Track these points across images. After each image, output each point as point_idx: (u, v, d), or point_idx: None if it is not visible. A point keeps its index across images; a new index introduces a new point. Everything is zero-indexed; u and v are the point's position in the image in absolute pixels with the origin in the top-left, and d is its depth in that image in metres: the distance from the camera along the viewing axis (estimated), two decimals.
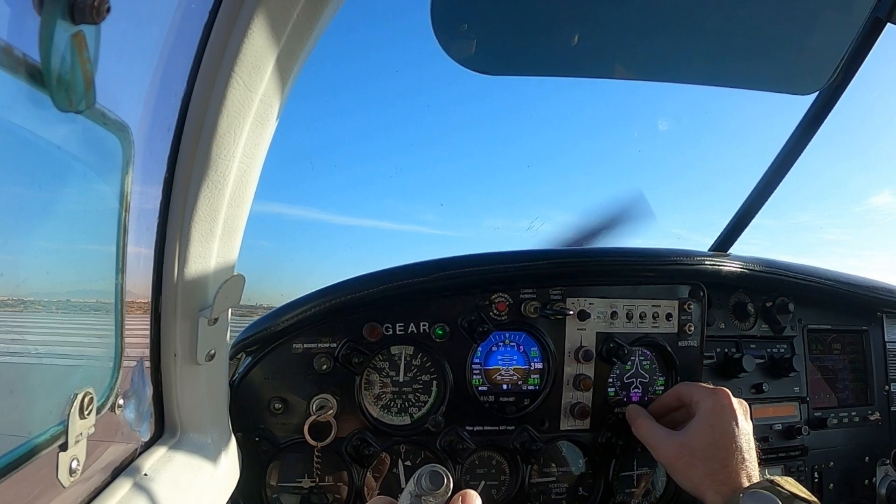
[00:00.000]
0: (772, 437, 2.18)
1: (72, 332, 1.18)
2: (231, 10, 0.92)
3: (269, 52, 0.98)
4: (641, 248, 2.04)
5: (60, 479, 0.92)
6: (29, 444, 0.88)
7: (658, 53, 1.88)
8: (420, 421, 1.82)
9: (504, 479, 1.91)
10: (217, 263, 1.21)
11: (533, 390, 1.92)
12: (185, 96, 1.02)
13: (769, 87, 2.03)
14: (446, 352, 1.84)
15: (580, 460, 1.98)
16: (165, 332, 1.22)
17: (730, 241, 2.30)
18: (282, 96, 1.09)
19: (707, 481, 1.57)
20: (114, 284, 1.11)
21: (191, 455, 1.32)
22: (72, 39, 0.67)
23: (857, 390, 2.44)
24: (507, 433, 1.88)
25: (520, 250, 1.93)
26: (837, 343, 2.43)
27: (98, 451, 1.08)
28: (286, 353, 1.73)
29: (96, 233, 1.08)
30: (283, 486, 1.75)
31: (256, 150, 1.13)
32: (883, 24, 1.68)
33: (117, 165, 1.05)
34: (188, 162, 1.06)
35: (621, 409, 1.98)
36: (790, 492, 1.46)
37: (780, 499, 1.43)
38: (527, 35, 1.75)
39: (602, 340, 1.94)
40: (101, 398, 1.07)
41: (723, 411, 1.65)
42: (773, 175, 2.15)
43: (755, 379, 2.18)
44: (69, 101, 0.69)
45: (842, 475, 2.31)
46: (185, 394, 1.30)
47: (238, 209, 1.18)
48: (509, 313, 1.88)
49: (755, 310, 2.24)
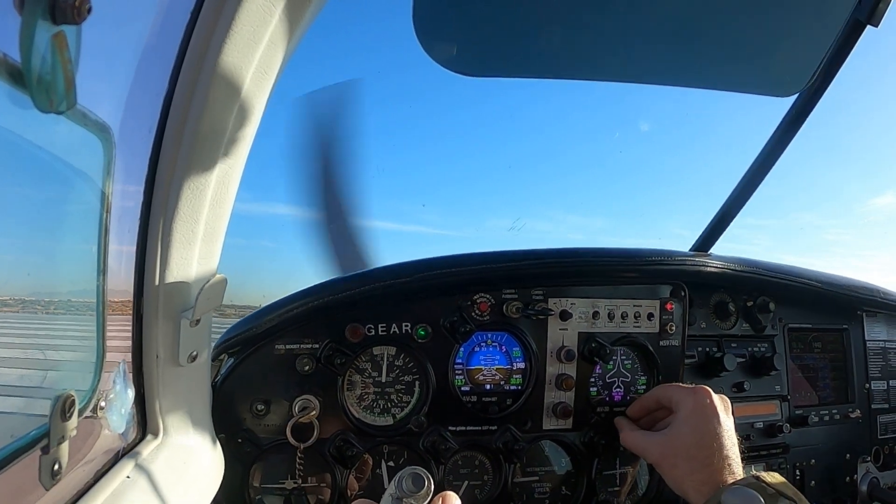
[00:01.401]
0: (753, 436, 2.19)
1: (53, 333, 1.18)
2: (213, 9, 0.92)
3: (252, 52, 0.98)
4: (623, 249, 2.04)
5: (43, 482, 0.92)
6: (11, 446, 0.88)
7: (640, 55, 1.88)
8: (403, 421, 1.82)
9: (487, 479, 1.91)
10: (199, 265, 1.21)
11: (515, 390, 1.92)
12: (167, 97, 1.02)
13: (749, 89, 2.04)
14: (428, 352, 1.84)
15: (563, 460, 1.99)
16: (147, 334, 1.21)
17: (711, 241, 2.31)
18: (264, 97, 1.09)
19: (689, 480, 1.58)
20: (95, 286, 1.11)
21: (174, 457, 1.32)
22: (52, 40, 0.66)
23: (837, 388, 2.46)
24: (490, 433, 1.88)
25: (502, 251, 1.93)
26: (818, 342, 2.45)
27: (80, 454, 1.08)
28: (268, 354, 1.73)
29: (78, 234, 1.08)
30: (266, 487, 1.74)
31: (238, 151, 1.13)
32: (863, 26, 1.68)
33: (98, 166, 1.05)
34: (170, 163, 1.05)
35: (603, 408, 1.99)
36: (775, 488, 1.47)
37: (765, 494, 1.43)
38: (509, 36, 1.75)
39: (584, 340, 1.95)
40: (83, 400, 1.07)
41: (703, 410, 1.66)
42: (753, 176, 2.16)
43: (736, 378, 2.20)
44: (50, 102, 0.69)
45: (823, 472, 2.33)
46: (168, 396, 1.30)
47: (220, 210, 1.18)
48: (491, 313, 1.88)
49: (736, 309, 2.26)
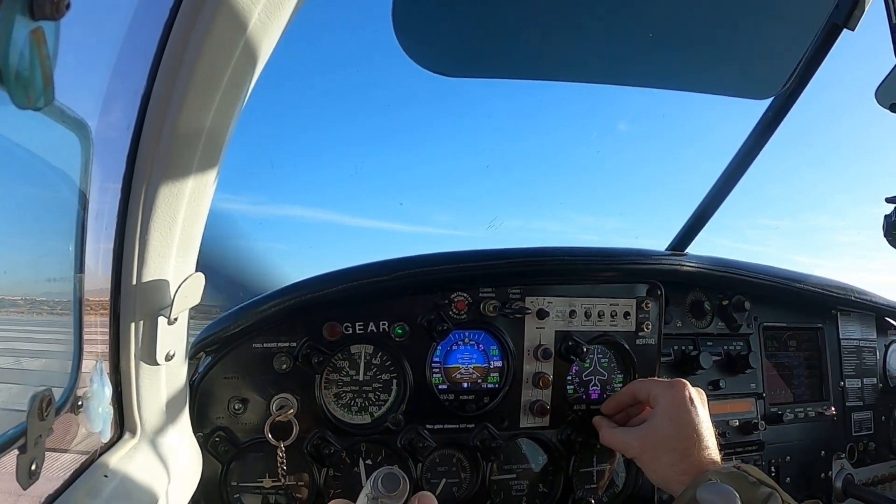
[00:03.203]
0: (729, 433, 2.22)
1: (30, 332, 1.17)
2: (192, 8, 0.92)
3: (230, 51, 0.98)
4: (600, 248, 2.05)
5: (20, 482, 0.91)
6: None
7: (618, 57, 1.89)
8: (380, 420, 1.83)
9: (465, 476, 1.92)
10: (176, 263, 1.21)
11: (492, 388, 1.93)
12: (145, 95, 1.02)
13: (726, 91, 2.06)
14: (406, 351, 1.85)
15: (540, 457, 2.00)
16: (125, 332, 1.21)
17: (687, 240, 2.34)
18: (242, 96, 1.09)
19: (670, 471, 1.60)
20: (73, 284, 1.11)
21: (151, 456, 1.31)
22: (30, 35, 0.66)
23: (812, 386, 2.49)
24: (468, 431, 1.89)
25: (479, 249, 1.94)
26: (793, 340, 2.48)
27: (58, 453, 1.07)
28: (246, 352, 1.73)
29: (55, 232, 1.08)
30: (244, 485, 1.75)
31: (216, 150, 1.13)
32: (839, 30, 1.70)
33: (76, 164, 1.04)
34: (148, 161, 1.05)
35: (580, 406, 2.00)
36: (756, 477, 1.49)
37: (746, 483, 1.46)
38: (487, 37, 1.76)
39: (561, 339, 1.96)
40: (60, 399, 1.07)
41: (681, 403, 1.68)
42: (729, 177, 2.18)
43: (712, 376, 2.22)
44: (27, 98, 0.69)
45: (799, 469, 2.35)
46: (145, 394, 1.30)
47: (197, 209, 1.18)
48: (469, 312, 1.89)
49: (712, 308, 2.28)
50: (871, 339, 2.66)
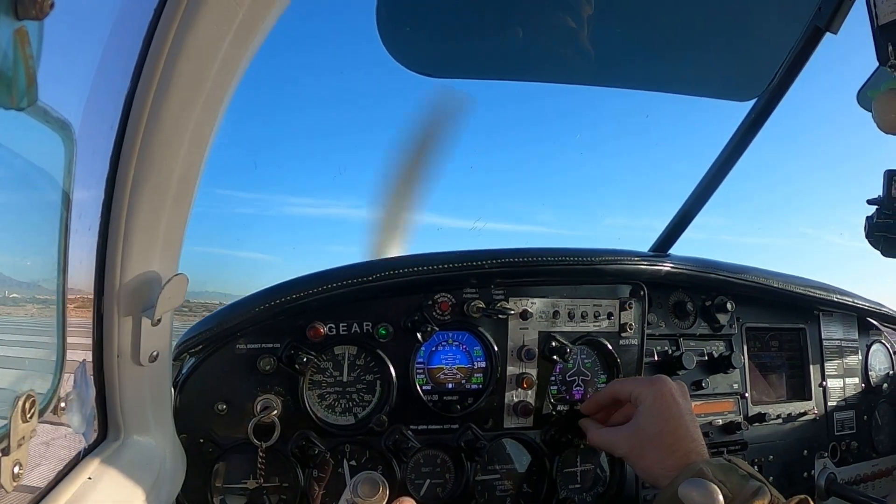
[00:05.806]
0: (712, 433, 2.23)
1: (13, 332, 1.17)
2: (176, 7, 0.92)
3: (213, 51, 0.98)
4: (583, 249, 2.06)
5: (3, 484, 0.91)
6: None
7: (601, 59, 1.90)
8: (364, 420, 1.83)
9: (449, 477, 1.92)
10: (160, 264, 1.20)
11: (476, 389, 1.94)
12: (128, 95, 1.02)
13: (708, 93, 2.07)
14: (390, 352, 1.85)
15: (524, 457, 2.00)
16: (108, 333, 1.20)
17: (669, 242, 2.35)
18: (225, 96, 1.09)
19: (659, 467, 1.61)
20: (56, 284, 1.10)
21: (135, 457, 1.31)
22: (14, 35, 0.66)
23: (794, 386, 2.50)
24: (452, 432, 1.89)
25: (463, 250, 1.94)
26: (775, 340, 2.50)
27: (41, 455, 1.07)
28: (230, 354, 1.72)
29: (38, 232, 1.08)
30: (229, 487, 1.74)
31: (199, 150, 1.13)
32: (822, 33, 1.71)
33: (59, 164, 1.04)
34: (131, 161, 1.05)
35: (564, 406, 2.01)
36: (747, 471, 1.51)
37: (736, 475, 1.48)
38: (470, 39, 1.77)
39: (544, 339, 1.97)
40: (43, 400, 1.06)
41: (664, 399, 1.69)
42: (711, 179, 2.20)
43: (695, 376, 2.23)
44: (10, 98, 0.69)
45: (782, 468, 2.37)
46: (129, 395, 1.29)
47: (180, 209, 1.18)
48: (452, 313, 1.89)
49: (694, 309, 2.28)
50: (853, 340, 2.68)
